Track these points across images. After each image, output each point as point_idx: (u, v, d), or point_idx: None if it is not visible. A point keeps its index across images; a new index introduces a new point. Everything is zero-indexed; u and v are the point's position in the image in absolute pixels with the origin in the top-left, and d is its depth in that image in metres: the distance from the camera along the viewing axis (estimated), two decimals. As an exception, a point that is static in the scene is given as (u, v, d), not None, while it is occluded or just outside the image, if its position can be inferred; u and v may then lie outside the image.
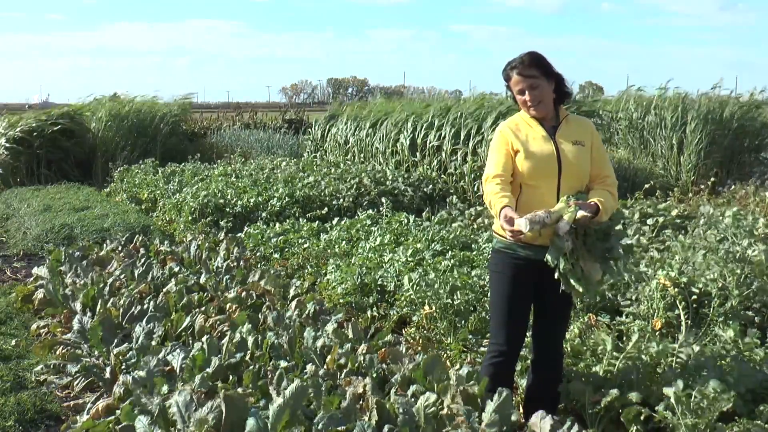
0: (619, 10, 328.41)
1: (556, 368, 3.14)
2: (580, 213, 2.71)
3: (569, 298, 3.01)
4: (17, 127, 12.59)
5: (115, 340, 4.02)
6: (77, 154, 13.13)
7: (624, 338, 3.72)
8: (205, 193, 8.38)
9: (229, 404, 2.66)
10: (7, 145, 12.39)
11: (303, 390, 2.67)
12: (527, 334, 3.19)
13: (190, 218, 7.88)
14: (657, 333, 3.68)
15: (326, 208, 8.16)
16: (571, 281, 2.76)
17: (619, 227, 2.95)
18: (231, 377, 3.34)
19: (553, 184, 2.88)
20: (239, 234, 7.24)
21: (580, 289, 2.79)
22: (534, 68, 2.90)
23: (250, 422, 2.56)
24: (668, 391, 2.85)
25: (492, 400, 2.68)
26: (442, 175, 10.16)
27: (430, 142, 10.78)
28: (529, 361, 3.24)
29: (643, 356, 3.37)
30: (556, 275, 2.78)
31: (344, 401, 2.86)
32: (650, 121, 11.18)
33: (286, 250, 6.39)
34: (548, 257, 2.77)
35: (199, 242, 6.45)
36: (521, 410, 3.20)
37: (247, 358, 3.59)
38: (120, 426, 2.87)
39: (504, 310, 3.00)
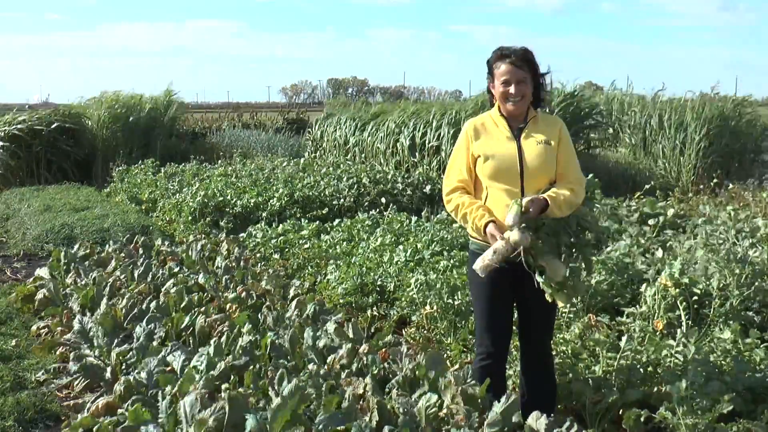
0: (619, 10, 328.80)
1: (547, 368, 3.12)
2: (525, 200, 2.70)
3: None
4: (12, 125, 12.55)
5: (116, 341, 4.02)
6: (77, 155, 13.11)
7: (624, 338, 3.72)
8: (205, 193, 8.38)
9: (233, 405, 2.67)
10: (3, 144, 12.37)
11: (300, 389, 2.67)
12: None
13: (190, 218, 7.89)
14: (658, 333, 3.68)
15: (326, 209, 8.18)
16: (541, 282, 2.74)
17: (590, 218, 2.93)
18: (233, 378, 3.34)
19: (516, 186, 2.86)
20: (240, 234, 7.24)
21: (548, 290, 2.76)
22: (526, 64, 2.87)
23: (249, 422, 2.56)
24: (672, 391, 2.85)
25: (498, 402, 2.68)
26: (442, 175, 10.16)
27: (429, 142, 10.79)
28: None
29: (642, 356, 3.37)
30: (538, 281, 2.75)
31: (344, 401, 2.86)
32: (650, 122, 11.18)
33: (287, 250, 6.39)
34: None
35: (200, 242, 6.45)
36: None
37: (248, 358, 3.59)
38: (122, 426, 2.88)
39: (485, 312, 3.00)
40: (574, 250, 2.88)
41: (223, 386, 3.20)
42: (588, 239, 2.94)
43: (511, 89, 2.87)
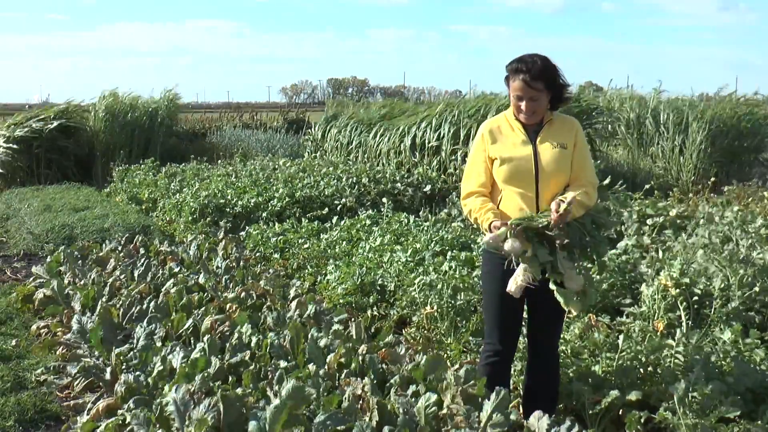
0: (619, 10, 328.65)
1: (552, 368, 3.14)
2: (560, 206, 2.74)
3: None
4: (19, 127, 12.54)
5: (116, 341, 4.02)
6: (77, 154, 13.10)
7: (625, 338, 3.71)
8: (205, 193, 8.38)
9: (227, 404, 2.66)
10: (8, 145, 12.38)
11: (300, 389, 2.66)
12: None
13: (190, 218, 7.89)
14: (658, 334, 3.68)
15: (326, 209, 8.17)
16: (556, 291, 2.81)
17: (606, 218, 2.97)
18: (231, 378, 3.34)
19: (531, 189, 2.88)
20: (239, 234, 7.24)
21: (565, 301, 2.81)
22: (541, 80, 2.82)
23: (252, 423, 2.56)
24: (673, 391, 2.84)
25: (489, 399, 2.68)
26: (442, 175, 10.16)
27: (429, 142, 10.79)
28: (526, 362, 3.24)
29: (642, 356, 3.37)
30: (553, 289, 2.81)
31: (345, 401, 2.86)
32: (650, 122, 11.17)
33: (286, 250, 6.39)
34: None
35: (199, 242, 6.45)
36: (520, 410, 3.20)
37: (247, 358, 3.59)
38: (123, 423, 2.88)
39: (496, 310, 3.02)
40: (589, 250, 2.90)
41: (216, 384, 3.20)
42: (603, 237, 2.96)
43: (522, 105, 2.88)
